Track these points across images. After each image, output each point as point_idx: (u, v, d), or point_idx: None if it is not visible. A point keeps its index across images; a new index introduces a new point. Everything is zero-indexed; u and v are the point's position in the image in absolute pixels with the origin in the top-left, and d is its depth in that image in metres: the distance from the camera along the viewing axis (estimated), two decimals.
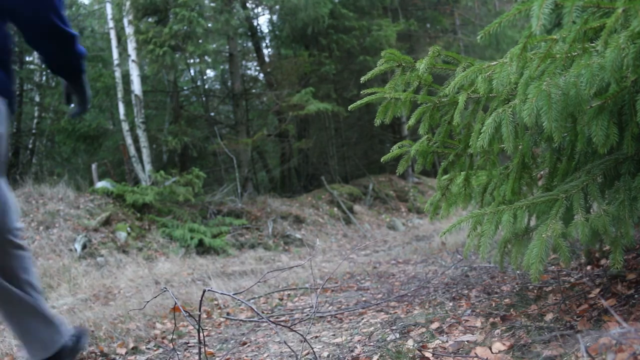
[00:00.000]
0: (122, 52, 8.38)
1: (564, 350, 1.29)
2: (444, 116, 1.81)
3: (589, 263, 2.17)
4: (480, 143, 1.35)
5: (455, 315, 1.84)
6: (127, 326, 2.66)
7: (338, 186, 9.57)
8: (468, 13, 12.16)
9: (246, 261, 4.51)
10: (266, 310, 2.78)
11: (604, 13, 1.29)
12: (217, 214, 7.06)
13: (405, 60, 1.80)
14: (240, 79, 10.25)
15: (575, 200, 1.36)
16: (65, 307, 3.36)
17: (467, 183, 1.87)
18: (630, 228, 1.31)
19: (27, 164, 10.10)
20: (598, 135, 1.24)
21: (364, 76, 1.82)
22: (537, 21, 1.13)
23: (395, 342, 1.65)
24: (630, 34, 1.10)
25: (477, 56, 10.37)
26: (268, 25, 13.17)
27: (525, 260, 1.32)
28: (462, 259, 3.17)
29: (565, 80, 1.17)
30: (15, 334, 1.60)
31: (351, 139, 12.73)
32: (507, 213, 1.41)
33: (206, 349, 2.02)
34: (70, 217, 5.78)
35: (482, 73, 1.42)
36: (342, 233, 7.31)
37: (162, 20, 8.05)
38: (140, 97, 7.85)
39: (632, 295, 1.59)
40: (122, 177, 8.77)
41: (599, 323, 1.45)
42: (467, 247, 1.60)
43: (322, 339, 1.92)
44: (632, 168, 1.36)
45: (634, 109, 1.24)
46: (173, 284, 3.95)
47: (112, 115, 10.89)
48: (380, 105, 1.85)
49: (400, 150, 1.98)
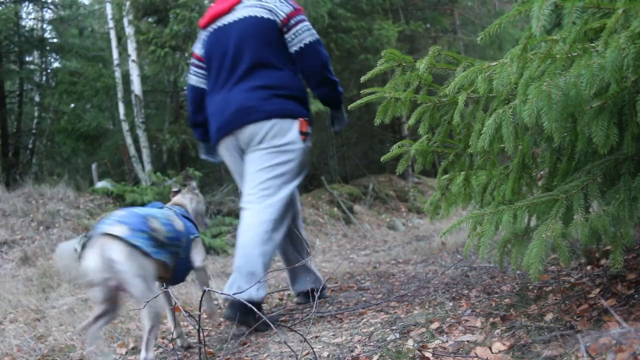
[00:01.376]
0: (122, 52, 8.38)
1: (564, 350, 1.29)
2: (444, 116, 1.81)
3: (589, 263, 2.17)
4: (481, 144, 1.35)
5: (455, 315, 1.84)
6: (127, 326, 2.66)
7: (338, 186, 9.57)
8: (468, 13, 12.17)
9: None
10: (266, 310, 2.79)
11: (604, 14, 1.29)
12: (217, 214, 7.06)
13: (405, 60, 1.80)
14: None
15: (575, 201, 1.36)
16: (66, 307, 3.36)
17: (467, 183, 1.87)
18: (630, 228, 1.31)
19: (27, 164, 10.10)
20: (598, 135, 1.24)
21: (364, 76, 1.82)
22: (537, 22, 1.13)
23: (395, 342, 1.65)
24: (631, 35, 1.10)
25: (478, 56, 10.36)
26: None
27: (525, 260, 1.32)
28: (462, 259, 3.17)
29: (565, 81, 1.17)
30: (292, 269, 2.68)
31: (351, 138, 12.72)
32: (507, 213, 1.41)
33: (206, 349, 2.02)
34: (70, 217, 5.78)
35: (482, 73, 1.42)
36: (342, 233, 7.31)
37: (161, 20, 8.05)
38: (140, 97, 7.85)
39: (632, 295, 1.59)
40: (122, 177, 8.78)
41: (599, 323, 1.45)
42: (467, 247, 1.60)
43: (322, 339, 1.92)
44: (632, 168, 1.36)
45: (634, 109, 1.24)
46: None
47: (112, 115, 10.89)
48: (380, 105, 1.85)
49: (400, 150, 1.98)
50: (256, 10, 2.44)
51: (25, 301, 3.55)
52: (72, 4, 11.81)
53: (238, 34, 2.43)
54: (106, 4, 8.34)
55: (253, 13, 2.44)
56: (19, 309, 3.39)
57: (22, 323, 3.01)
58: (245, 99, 2.38)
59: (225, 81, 2.45)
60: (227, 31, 2.47)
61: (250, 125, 2.36)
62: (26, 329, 2.82)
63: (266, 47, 2.41)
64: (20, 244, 5.06)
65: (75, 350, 2.31)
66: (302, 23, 2.45)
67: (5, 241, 5.07)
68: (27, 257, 4.81)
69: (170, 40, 7.25)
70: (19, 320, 3.10)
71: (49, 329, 2.77)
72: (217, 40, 2.50)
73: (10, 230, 5.31)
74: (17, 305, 3.47)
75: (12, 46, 9.15)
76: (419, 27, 10.40)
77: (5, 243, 5.05)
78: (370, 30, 9.26)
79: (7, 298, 3.60)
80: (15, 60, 9.59)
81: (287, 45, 2.45)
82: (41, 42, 9.90)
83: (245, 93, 2.39)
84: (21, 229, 5.39)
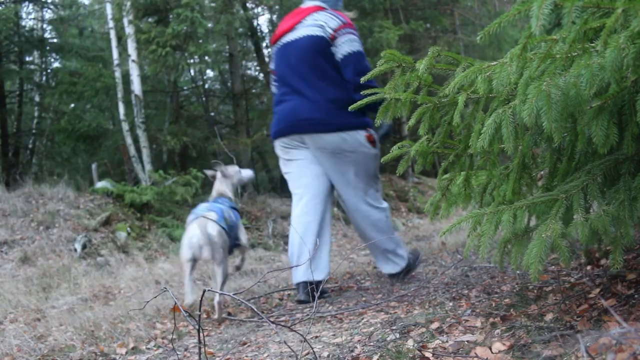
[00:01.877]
0: (122, 52, 8.37)
1: (564, 350, 1.29)
2: (444, 116, 1.81)
3: (589, 263, 2.17)
4: (481, 144, 1.35)
5: (455, 315, 1.84)
6: (127, 326, 2.66)
7: None
8: (468, 13, 12.15)
9: (246, 261, 4.50)
10: (266, 310, 2.79)
11: (603, 13, 1.29)
12: None
13: (405, 60, 1.80)
14: (240, 79, 10.24)
15: (575, 201, 1.36)
16: (66, 307, 3.36)
17: (467, 183, 1.87)
18: (630, 228, 1.31)
19: (27, 164, 10.10)
20: (598, 135, 1.24)
21: (364, 76, 1.82)
22: (536, 22, 1.13)
23: (395, 342, 1.65)
24: (630, 34, 1.10)
25: (478, 56, 10.36)
26: (268, 25, 13.16)
27: (525, 261, 1.32)
28: (462, 259, 3.16)
29: (565, 81, 1.17)
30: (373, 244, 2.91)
31: None
32: (507, 213, 1.41)
33: (206, 349, 2.02)
34: (70, 217, 5.78)
35: (482, 73, 1.42)
36: (342, 233, 7.31)
37: (162, 20, 8.05)
38: (140, 97, 7.85)
39: (632, 295, 1.59)
40: (122, 177, 8.77)
41: (599, 323, 1.45)
42: (467, 247, 1.60)
43: (322, 339, 1.92)
44: (632, 168, 1.36)
45: (634, 109, 1.24)
46: (173, 284, 3.95)
47: (112, 115, 10.88)
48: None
49: (400, 150, 1.98)
50: (312, 29, 2.77)
51: (25, 301, 3.56)
52: (72, 4, 11.79)
53: (298, 51, 2.78)
54: (106, 4, 8.33)
55: (310, 32, 2.77)
56: (19, 309, 3.39)
57: (22, 323, 3.01)
58: (314, 110, 2.75)
59: (292, 90, 2.81)
60: (289, 48, 2.84)
61: (322, 134, 2.75)
62: (26, 329, 2.82)
63: (323, 62, 2.74)
64: (20, 244, 5.06)
65: (75, 350, 2.31)
66: (347, 35, 2.74)
67: (5, 241, 5.07)
68: (27, 257, 4.81)
69: (172, 40, 7.25)
70: (19, 320, 3.10)
71: (49, 329, 2.77)
72: (282, 56, 2.88)
73: (10, 230, 5.31)
74: (17, 305, 3.47)
75: (12, 46, 9.14)
76: (419, 27, 10.39)
77: (5, 243, 5.05)
78: (371, 30, 9.24)
79: (7, 298, 3.60)
80: (15, 60, 9.59)
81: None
82: (41, 42, 9.89)
83: (313, 104, 2.75)
84: (21, 229, 5.39)
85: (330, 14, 2.79)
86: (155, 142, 8.97)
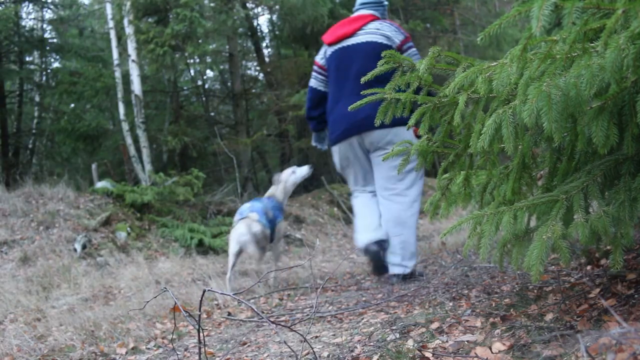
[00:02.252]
0: (122, 52, 8.37)
1: (564, 350, 1.29)
2: (444, 116, 1.81)
3: (589, 263, 2.17)
4: (481, 144, 1.35)
5: (455, 315, 1.84)
6: (127, 326, 2.66)
7: (338, 186, 9.55)
8: (468, 13, 12.14)
9: (246, 261, 4.50)
10: (266, 310, 2.79)
11: (604, 14, 1.29)
12: (217, 214, 7.05)
13: (405, 60, 1.80)
14: (240, 79, 10.24)
15: (576, 201, 1.36)
16: (66, 307, 3.36)
17: (467, 183, 1.87)
18: (630, 228, 1.31)
19: (27, 164, 10.10)
20: (598, 135, 1.24)
21: (364, 77, 1.82)
22: (537, 22, 1.13)
23: (395, 342, 1.65)
24: (631, 35, 1.10)
25: (478, 56, 10.35)
26: (268, 25, 13.16)
27: (526, 262, 1.32)
28: (462, 259, 3.17)
29: (565, 81, 1.17)
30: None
31: None
32: (507, 214, 1.41)
33: (206, 349, 2.02)
34: (70, 217, 5.78)
35: (482, 73, 1.42)
36: (342, 233, 7.31)
37: (162, 20, 8.04)
38: (140, 97, 7.85)
39: (632, 295, 1.59)
40: (122, 177, 8.76)
41: (599, 323, 1.45)
42: (467, 247, 1.60)
43: (322, 339, 1.92)
44: (632, 168, 1.36)
45: (634, 109, 1.24)
46: (173, 284, 3.95)
47: (112, 115, 10.88)
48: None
49: (400, 150, 1.99)
50: (375, 37, 3.04)
51: (25, 301, 3.56)
52: (72, 4, 11.79)
53: (361, 54, 3.02)
54: (106, 4, 8.32)
55: (373, 39, 3.03)
56: (19, 309, 3.39)
57: (22, 323, 3.01)
58: (372, 108, 2.96)
59: (352, 91, 2.97)
60: (350, 51, 3.07)
61: (377, 130, 2.96)
62: (26, 329, 2.82)
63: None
64: (20, 244, 5.06)
65: (75, 350, 2.31)
66: (411, 49, 3.05)
67: (5, 241, 5.07)
68: (27, 257, 4.81)
69: (171, 40, 7.25)
70: (19, 320, 3.10)
71: (49, 329, 2.77)
72: (341, 57, 3.11)
73: (10, 230, 5.31)
74: (17, 305, 3.47)
75: (12, 46, 9.14)
76: (418, 27, 10.39)
77: (5, 243, 5.04)
78: None
79: (7, 298, 3.60)
80: (15, 60, 9.58)
81: None
82: (41, 42, 9.88)
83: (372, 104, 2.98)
84: (21, 229, 5.39)
85: (391, 26, 3.07)
86: (156, 142, 8.96)
